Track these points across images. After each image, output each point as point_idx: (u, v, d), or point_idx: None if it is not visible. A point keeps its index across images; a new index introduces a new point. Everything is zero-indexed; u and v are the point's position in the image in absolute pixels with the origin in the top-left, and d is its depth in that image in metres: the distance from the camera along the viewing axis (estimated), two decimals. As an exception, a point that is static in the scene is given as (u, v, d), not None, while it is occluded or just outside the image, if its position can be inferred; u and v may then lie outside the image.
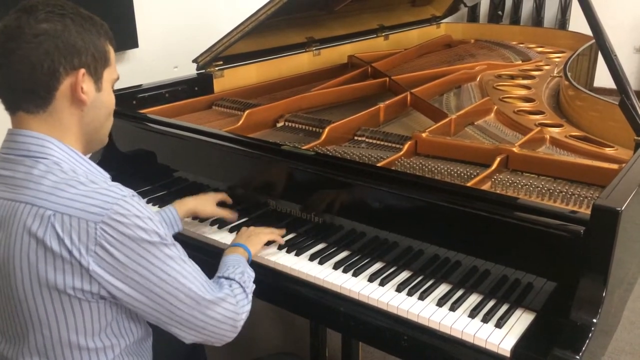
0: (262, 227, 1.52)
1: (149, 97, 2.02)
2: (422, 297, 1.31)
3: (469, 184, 1.46)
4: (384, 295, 1.32)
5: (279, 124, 2.00)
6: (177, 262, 1.08)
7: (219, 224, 1.63)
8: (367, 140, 1.86)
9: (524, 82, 2.57)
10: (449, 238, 1.35)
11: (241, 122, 1.88)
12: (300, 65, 2.56)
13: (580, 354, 1.10)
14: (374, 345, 1.42)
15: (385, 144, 1.82)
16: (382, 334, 1.30)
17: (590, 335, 1.13)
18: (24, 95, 1.04)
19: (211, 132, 1.72)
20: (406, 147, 1.71)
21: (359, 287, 1.35)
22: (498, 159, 1.59)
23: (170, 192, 1.81)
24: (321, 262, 1.45)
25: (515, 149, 1.62)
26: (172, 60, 2.87)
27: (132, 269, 1.02)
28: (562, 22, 5.97)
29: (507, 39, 3.46)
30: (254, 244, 1.44)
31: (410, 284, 1.35)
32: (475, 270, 1.33)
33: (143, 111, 1.91)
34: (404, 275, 1.40)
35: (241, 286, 1.22)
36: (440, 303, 1.29)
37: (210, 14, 3.17)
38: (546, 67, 2.85)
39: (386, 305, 1.30)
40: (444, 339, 1.23)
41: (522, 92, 2.42)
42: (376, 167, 1.56)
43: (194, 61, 2.12)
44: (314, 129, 1.91)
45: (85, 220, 0.99)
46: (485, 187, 1.50)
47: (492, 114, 2.10)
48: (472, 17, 6.24)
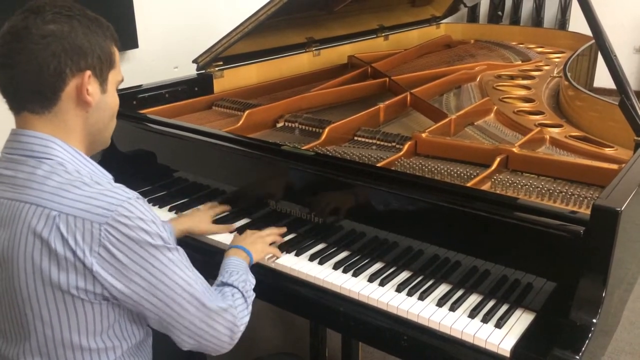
0: (266, 233, 1.50)
1: (149, 97, 2.02)
2: (422, 297, 1.31)
3: (469, 184, 1.46)
4: (384, 295, 1.32)
5: (279, 124, 2.01)
6: (180, 267, 1.08)
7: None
8: (367, 140, 1.86)
9: (524, 82, 2.57)
10: (449, 238, 1.35)
11: (241, 122, 1.88)
12: (300, 65, 2.56)
13: (580, 354, 1.10)
14: (374, 345, 1.42)
15: (385, 144, 1.82)
16: (382, 334, 1.30)
17: (590, 335, 1.13)
18: (30, 96, 1.04)
19: (211, 132, 1.72)
20: (406, 147, 1.71)
21: (358, 287, 1.35)
22: (498, 159, 1.59)
23: (170, 192, 1.81)
24: (321, 262, 1.45)
25: (515, 149, 1.62)
26: (172, 60, 2.87)
27: (134, 271, 1.02)
28: (562, 22, 5.97)
29: (507, 39, 3.46)
30: (257, 252, 1.43)
31: (410, 284, 1.35)
32: (475, 271, 1.33)
33: (143, 111, 1.91)
34: (403, 275, 1.40)
35: (243, 296, 1.22)
36: (440, 303, 1.29)
37: (210, 14, 3.17)
38: (546, 68, 2.85)
39: (386, 305, 1.30)
40: (444, 339, 1.23)
41: (522, 93, 2.42)
42: (376, 167, 1.56)
43: (194, 61, 2.12)
44: (314, 129, 1.91)
45: (90, 221, 0.99)
46: (485, 187, 1.51)
47: (492, 114, 2.10)
48: (472, 17, 6.24)
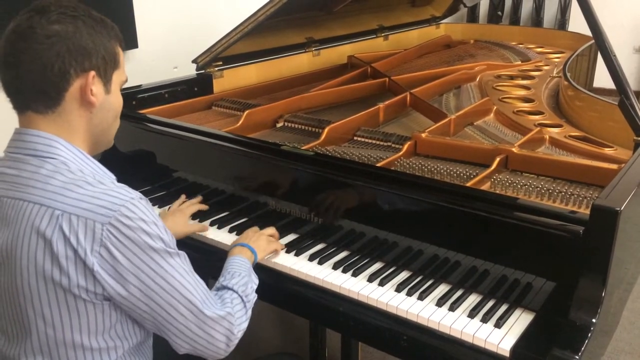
0: (269, 233, 1.50)
1: (149, 97, 2.02)
2: (421, 297, 1.31)
3: (469, 184, 1.46)
4: (384, 295, 1.32)
5: (279, 124, 2.01)
6: (180, 272, 1.07)
7: (218, 224, 1.63)
8: (366, 140, 1.86)
9: (524, 82, 2.57)
10: (449, 238, 1.35)
11: (241, 122, 1.88)
12: (300, 65, 2.56)
13: (579, 354, 1.10)
14: (374, 345, 1.42)
15: (385, 144, 1.82)
16: (381, 334, 1.30)
17: (589, 335, 1.13)
18: (34, 95, 1.04)
19: (211, 132, 1.72)
20: (406, 147, 1.71)
21: (358, 287, 1.35)
22: (497, 159, 1.59)
23: (170, 192, 1.81)
24: (321, 262, 1.45)
25: (515, 149, 1.62)
26: (172, 60, 2.87)
27: (132, 273, 1.02)
28: (562, 22, 5.97)
29: (506, 39, 3.46)
30: (261, 248, 1.42)
31: (409, 284, 1.35)
32: (475, 270, 1.33)
33: (143, 111, 1.91)
34: (403, 275, 1.40)
35: (242, 301, 1.21)
36: (440, 303, 1.29)
37: (210, 14, 3.17)
38: (546, 68, 2.85)
39: (385, 305, 1.30)
40: (444, 338, 1.23)
41: (522, 93, 2.42)
42: (376, 167, 1.56)
43: (194, 61, 2.12)
44: (313, 129, 1.91)
45: (92, 220, 0.99)
46: (485, 187, 1.51)
47: (492, 114, 2.10)
48: (472, 17, 6.24)
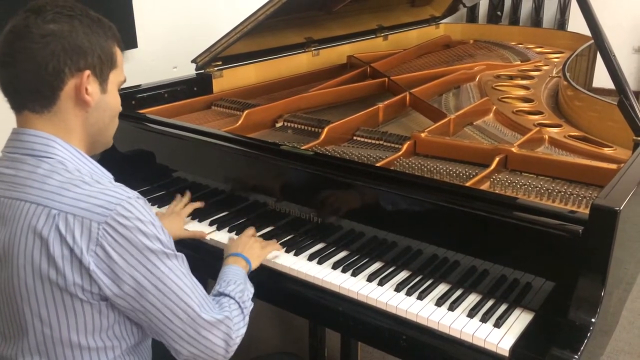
0: (264, 241, 1.49)
1: (148, 97, 2.01)
2: (420, 297, 1.31)
3: (468, 184, 1.46)
4: (383, 295, 1.32)
5: (278, 124, 2.01)
6: (177, 274, 1.07)
7: (218, 224, 1.63)
8: (366, 140, 1.86)
9: (523, 82, 2.57)
10: (448, 238, 1.35)
11: (240, 122, 1.88)
12: (299, 65, 2.56)
13: (578, 354, 1.11)
14: (373, 345, 1.42)
15: (384, 144, 1.82)
16: (381, 333, 1.30)
17: (588, 334, 1.13)
18: (30, 95, 1.05)
19: (210, 132, 1.72)
20: (405, 147, 1.71)
21: (357, 286, 1.35)
22: (497, 159, 1.59)
23: (170, 192, 1.80)
24: (320, 262, 1.45)
25: (514, 149, 1.62)
26: (171, 60, 2.87)
27: (128, 273, 1.02)
28: (561, 22, 5.97)
29: (506, 39, 3.46)
30: (255, 257, 1.41)
31: (409, 284, 1.35)
32: (474, 270, 1.33)
33: (142, 111, 1.91)
34: (402, 275, 1.40)
35: (240, 307, 1.20)
36: (439, 303, 1.29)
37: (210, 14, 3.17)
38: (545, 68, 2.85)
39: (385, 305, 1.30)
40: (443, 338, 1.23)
41: (521, 93, 2.42)
42: (375, 167, 1.56)
43: (193, 61, 2.12)
44: (313, 129, 1.91)
45: (89, 220, 0.99)
46: (484, 187, 1.51)
47: (491, 114, 2.10)
48: (471, 17, 6.25)
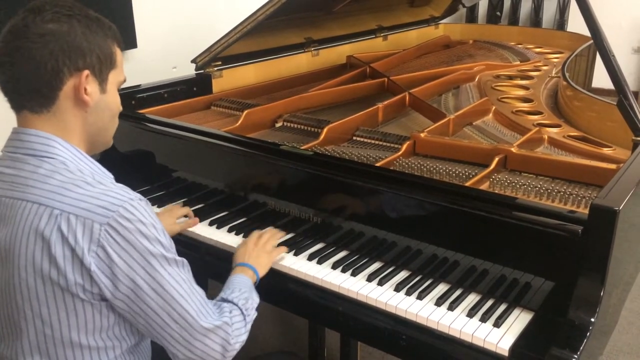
0: (266, 239, 1.48)
1: (148, 97, 2.02)
2: (420, 297, 1.31)
3: (468, 184, 1.47)
4: (383, 294, 1.33)
5: (278, 124, 2.01)
6: (176, 279, 1.06)
7: (217, 224, 1.63)
8: (365, 140, 1.87)
9: (523, 82, 2.58)
10: (448, 238, 1.36)
11: (240, 122, 1.88)
12: (299, 65, 2.56)
13: (578, 353, 1.11)
14: (373, 344, 1.42)
15: (384, 144, 1.82)
16: (380, 333, 1.30)
17: (588, 334, 1.13)
18: (28, 94, 1.05)
19: (210, 132, 1.72)
20: (405, 147, 1.71)
21: (357, 286, 1.35)
22: (496, 159, 1.59)
23: (169, 192, 1.81)
24: (320, 262, 1.45)
25: (514, 149, 1.63)
26: (171, 60, 2.87)
27: (128, 275, 1.02)
28: (561, 22, 5.97)
29: (505, 39, 3.46)
30: (262, 265, 1.40)
31: (408, 284, 1.35)
32: (474, 270, 1.33)
33: (142, 111, 1.91)
34: (402, 274, 1.40)
35: (242, 313, 1.19)
36: (439, 302, 1.29)
37: (210, 14, 3.17)
38: (544, 68, 2.85)
39: (384, 304, 1.30)
40: (443, 338, 1.23)
41: (521, 93, 2.42)
42: (375, 167, 1.56)
43: (193, 61, 2.12)
44: (312, 129, 1.91)
45: (91, 220, 0.99)
46: (484, 187, 1.51)
47: (491, 114, 2.10)
48: (471, 17, 6.25)
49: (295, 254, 1.48)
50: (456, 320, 1.24)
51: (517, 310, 1.27)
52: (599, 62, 1.90)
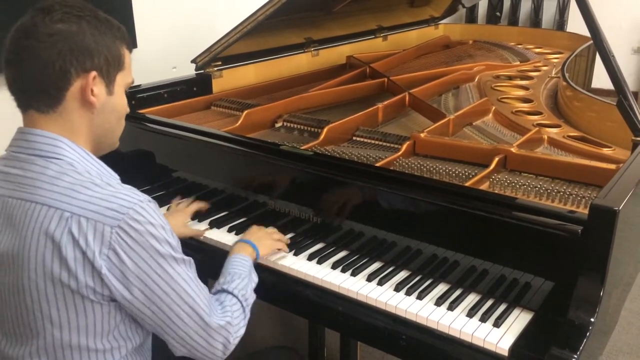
0: (273, 231, 1.50)
1: (148, 97, 2.01)
2: (420, 297, 1.31)
3: (467, 184, 1.47)
4: (383, 294, 1.33)
5: (278, 124, 2.01)
6: (185, 279, 1.08)
7: (217, 224, 1.63)
8: (365, 140, 1.87)
9: (522, 82, 2.58)
10: (447, 238, 1.36)
11: (240, 122, 1.88)
12: (299, 65, 2.56)
13: (577, 353, 1.11)
14: (373, 344, 1.42)
15: (384, 144, 1.82)
16: (380, 333, 1.30)
17: (587, 334, 1.13)
18: (35, 94, 1.04)
19: (210, 132, 1.72)
20: (404, 147, 1.71)
21: (357, 286, 1.36)
22: (496, 159, 1.60)
23: (169, 192, 1.81)
24: (320, 262, 1.45)
25: (514, 149, 1.63)
26: (171, 60, 2.87)
27: (139, 277, 1.02)
28: (560, 23, 5.97)
29: (505, 39, 3.46)
30: (265, 247, 1.43)
31: (408, 284, 1.35)
32: (474, 270, 1.33)
33: (142, 111, 1.91)
34: (402, 274, 1.40)
35: (242, 306, 1.21)
36: (439, 302, 1.29)
37: (210, 14, 3.17)
38: (544, 68, 2.85)
39: (384, 304, 1.30)
40: (442, 338, 1.24)
41: (520, 93, 2.42)
42: (375, 167, 1.57)
43: (193, 61, 2.12)
44: (312, 129, 1.91)
45: (102, 223, 0.99)
46: (484, 187, 1.51)
47: (490, 115, 2.10)
48: (471, 18, 6.25)
49: (295, 254, 1.48)
50: (456, 320, 1.24)
51: (517, 310, 1.27)
52: (598, 62, 1.90)
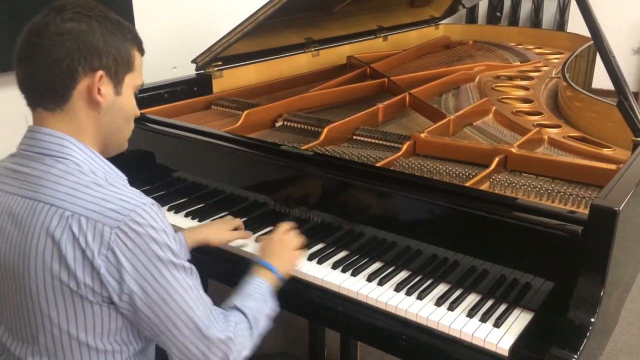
0: (287, 237, 1.41)
1: (148, 97, 2.02)
2: (420, 297, 1.31)
3: (468, 184, 1.47)
4: (383, 294, 1.33)
5: (278, 124, 2.01)
6: (184, 286, 1.05)
7: (218, 224, 1.63)
8: (365, 140, 1.87)
9: (523, 83, 2.58)
10: (448, 238, 1.36)
11: (240, 122, 1.88)
12: (299, 65, 2.56)
13: (578, 354, 1.11)
14: (373, 344, 1.42)
15: (384, 144, 1.82)
16: (380, 333, 1.30)
17: (588, 334, 1.13)
18: (43, 92, 1.05)
19: (210, 132, 1.72)
20: (405, 147, 1.71)
21: (357, 286, 1.36)
22: (496, 159, 1.60)
23: (169, 192, 1.81)
24: (320, 262, 1.45)
25: (514, 150, 1.63)
26: (171, 60, 2.87)
27: (135, 280, 1.01)
28: (561, 23, 5.97)
29: (505, 40, 3.46)
30: (284, 266, 1.33)
31: (408, 284, 1.35)
32: (474, 270, 1.33)
33: (142, 111, 1.89)
34: (402, 274, 1.40)
35: (250, 327, 1.16)
36: (439, 302, 1.29)
37: (210, 14, 3.17)
38: (544, 68, 2.85)
39: (385, 304, 1.30)
40: (443, 338, 1.24)
41: (521, 93, 2.42)
42: (375, 167, 1.57)
43: (193, 61, 2.12)
44: (312, 128, 1.91)
45: (102, 223, 0.98)
46: (484, 187, 1.51)
47: (491, 115, 2.11)
48: (471, 18, 6.25)
49: (296, 254, 1.48)
50: (456, 321, 1.24)
51: (517, 311, 1.27)
52: (599, 62, 1.90)
